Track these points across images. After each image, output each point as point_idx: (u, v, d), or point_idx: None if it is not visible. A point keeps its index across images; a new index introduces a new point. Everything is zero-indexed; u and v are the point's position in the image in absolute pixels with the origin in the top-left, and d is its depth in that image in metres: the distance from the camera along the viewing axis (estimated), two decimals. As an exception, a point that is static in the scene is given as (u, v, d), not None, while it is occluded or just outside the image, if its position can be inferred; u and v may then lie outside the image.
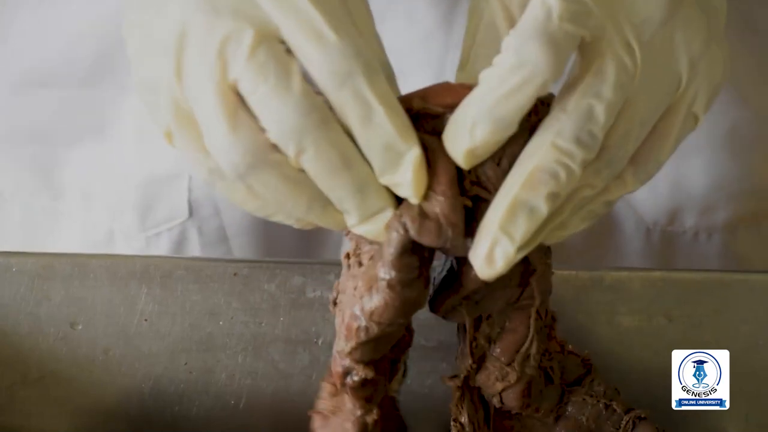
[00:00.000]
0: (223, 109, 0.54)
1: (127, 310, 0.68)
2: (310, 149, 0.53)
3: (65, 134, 0.80)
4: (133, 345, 0.69)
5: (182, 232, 0.79)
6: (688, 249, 0.79)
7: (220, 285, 0.68)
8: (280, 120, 0.53)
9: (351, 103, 0.53)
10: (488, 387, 0.62)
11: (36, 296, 0.68)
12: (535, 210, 0.53)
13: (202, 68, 0.54)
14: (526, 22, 0.53)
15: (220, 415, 0.70)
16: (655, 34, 0.55)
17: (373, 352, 0.57)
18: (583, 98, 0.54)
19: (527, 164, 0.54)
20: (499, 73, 0.53)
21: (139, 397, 0.69)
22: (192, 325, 0.69)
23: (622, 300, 0.68)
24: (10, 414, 0.69)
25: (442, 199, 0.54)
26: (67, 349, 0.68)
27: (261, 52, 0.53)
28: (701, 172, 0.77)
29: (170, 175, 0.78)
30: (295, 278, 0.68)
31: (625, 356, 0.69)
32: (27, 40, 0.78)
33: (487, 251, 0.54)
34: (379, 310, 0.56)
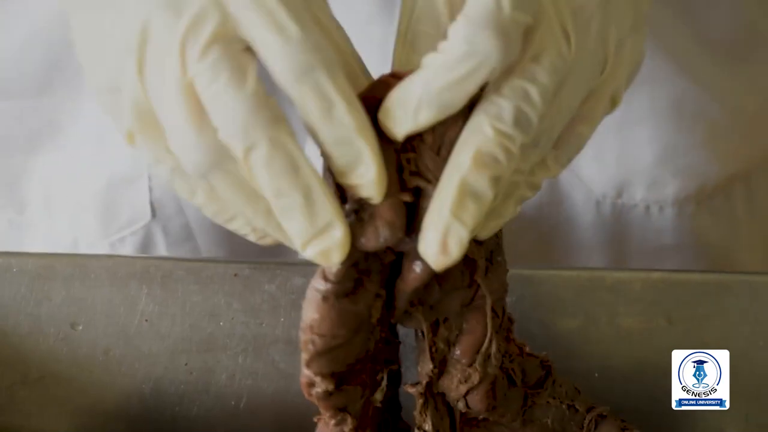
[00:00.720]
0: (186, 108, 0.53)
1: (127, 310, 0.68)
2: (258, 148, 0.53)
3: (22, 145, 0.80)
4: (133, 345, 0.69)
5: (147, 234, 0.79)
6: (641, 222, 0.79)
7: (221, 286, 0.68)
8: (229, 117, 0.53)
9: (311, 98, 0.53)
10: (452, 391, 0.61)
11: (36, 296, 0.68)
12: (481, 194, 0.53)
13: (164, 67, 0.54)
14: (476, 11, 0.53)
15: (221, 416, 0.70)
16: (590, 19, 0.55)
17: (332, 365, 0.57)
18: (520, 81, 0.54)
19: (468, 148, 0.54)
20: (447, 60, 0.53)
21: (140, 398, 0.70)
22: (192, 326, 0.69)
23: (622, 301, 0.68)
24: (10, 414, 0.70)
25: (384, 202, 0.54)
26: (67, 350, 0.69)
27: (215, 49, 0.52)
28: (646, 145, 0.77)
29: (130, 178, 0.78)
30: (296, 279, 0.68)
31: (626, 357, 0.69)
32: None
33: (441, 239, 0.54)
34: (316, 323, 0.56)
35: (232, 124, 0.52)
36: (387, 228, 0.54)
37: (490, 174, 0.53)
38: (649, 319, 0.68)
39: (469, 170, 0.53)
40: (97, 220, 0.78)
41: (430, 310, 0.59)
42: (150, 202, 0.78)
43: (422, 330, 0.60)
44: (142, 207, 0.78)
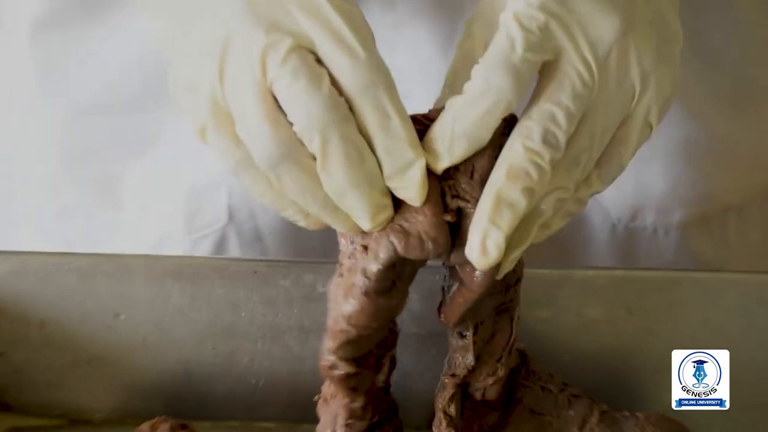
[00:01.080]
0: (264, 107, 0.57)
1: (162, 303, 0.72)
2: (332, 141, 0.56)
3: (120, 154, 0.82)
4: (167, 333, 0.73)
5: (222, 235, 0.81)
6: (647, 243, 0.82)
7: (242, 281, 0.72)
8: (308, 114, 0.56)
9: (371, 111, 0.57)
10: (478, 382, 0.66)
11: (85, 291, 0.72)
12: (515, 203, 0.57)
13: (244, 71, 0.57)
14: (493, 52, 0.57)
15: (242, 393, 0.73)
16: (609, 50, 0.58)
17: (355, 351, 0.62)
18: (546, 105, 0.57)
19: (503, 165, 0.58)
20: (467, 99, 0.57)
21: (173, 378, 0.73)
22: (217, 316, 0.72)
23: (587, 295, 0.72)
24: (63, 391, 0.73)
25: (422, 218, 0.58)
26: (111, 337, 0.73)
27: (295, 57, 0.56)
28: (659, 178, 0.80)
29: (211, 185, 0.80)
30: (307, 275, 0.72)
31: (590, 342, 0.72)
32: (84, 73, 0.81)
33: (480, 243, 0.57)
34: (355, 315, 0.60)
35: (310, 120, 0.56)
36: (432, 243, 0.58)
37: (522, 185, 0.57)
38: (611, 310, 0.72)
39: (504, 183, 0.57)
40: (181, 221, 0.82)
41: (474, 314, 0.64)
42: (227, 207, 0.81)
43: (464, 331, 0.65)
44: (220, 211, 0.81)
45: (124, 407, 0.74)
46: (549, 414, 0.69)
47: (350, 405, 0.64)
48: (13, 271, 0.72)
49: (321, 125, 0.56)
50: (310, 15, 0.57)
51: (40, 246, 0.82)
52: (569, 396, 0.69)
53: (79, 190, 0.84)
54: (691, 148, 0.80)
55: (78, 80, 0.81)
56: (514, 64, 0.56)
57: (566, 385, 0.69)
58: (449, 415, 0.66)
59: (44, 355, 0.73)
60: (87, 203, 0.84)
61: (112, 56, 0.80)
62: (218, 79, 0.58)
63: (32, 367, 0.73)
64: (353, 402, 0.64)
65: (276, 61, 0.56)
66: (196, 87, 0.58)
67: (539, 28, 0.57)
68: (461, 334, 0.64)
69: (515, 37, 0.56)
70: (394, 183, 0.58)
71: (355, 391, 0.64)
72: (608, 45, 0.58)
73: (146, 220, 0.83)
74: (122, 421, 0.74)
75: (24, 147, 0.86)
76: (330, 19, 0.56)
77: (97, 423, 0.74)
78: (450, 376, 0.65)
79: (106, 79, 0.80)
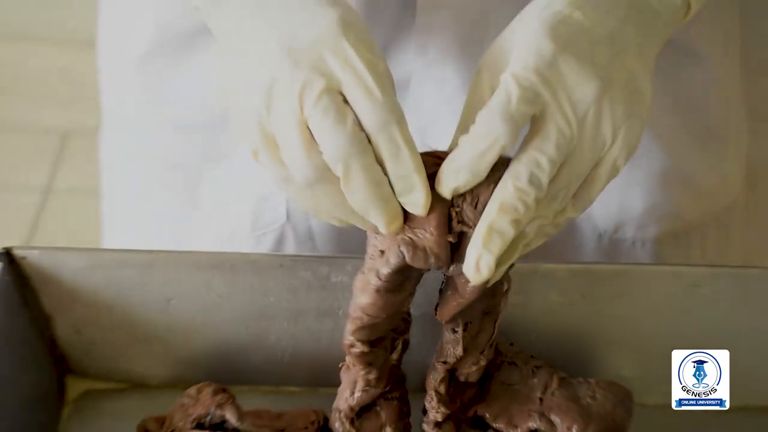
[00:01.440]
0: (300, 137, 0.61)
1: (205, 290, 0.77)
2: (353, 168, 0.61)
3: (200, 164, 0.86)
4: (210, 315, 0.77)
5: (281, 232, 0.85)
6: (627, 253, 0.86)
7: (271, 273, 0.76)
8: (334, 146, 0.61)
9: (386, 144, 0.61)
10: (464, 368, 0.71)
11: (143, 281, 0.76)
12: (504, 232, 0.62)
13: (286, 107, 0.61)
14: (494, 103, 0.62)
15: (270, 365, 0.79)
16: (588, 109, 0.62)
17: (369, 335, 0.67)
18: (533, 152, 0.62)
19: (496, 200, 0.62)
20: (473, 139, 0.62)
21: (215, 352, 0.78)
22: (251, 302, 0.77)
23: (551, 284, 0.76)
24: (126, 363, 0.79)
25: (430, 236, 0.63)
26: (164, 318, 0.77)
27: (326, 97, 0.61)
28: (639, 200, 0.84)
29: (273, 192, 0.84)
30: (323, 268, 0.76)
31: (553, 322, 0.78)
32: (177, 97, 0.85)
33: (475, 263, 0.62)
34: (368, 307, 0.66)
35: (336, 151, 0.61)
36: (434, 258, 0.64)
37: (511, 218, 0.62)
38: (570, 296, 0.77)
39: (496, 215, 0.62)
40: (248, 220, 0.85)
41: (465, 314, 0.68)
42: (286, 210, 0.84)
43: (456, 328, 0.69)
44: (280, 213, 0.84)
45: (175, 375, 0.79)
46: (517, 384, 0.73)
47: (366, 376, 0.70)
48: (87, 266, 0.76)
49: (344, 156, 0.61)
50: (340, 62, 0.61)
51: (136, 240, 0.90)
52: (533, 367, 0.73)
53: (168, 193, 0.88)
54: (664, 177, 0.83)
55: (172, 103, 0.85)
56: (511, 114, 0.61)
57: (532, 357, 0.74)
58: (439, 393, 0.71)
59: (111, 333, 0.78)
60: (173, 204, 0.88)
61: (199, 84, 0.83)
62: (266, 113, 0.62)
63: (102, 342, 0.78)
64: (368, 374, 0.70)
65: (311, 100, 0.60)
66: (248, 118, 0.62)
67: (532, 88, 0.61)
68: (453, 329, 0.69)
69: (512, 93, 0.61)
70: (403, 200, 0.63)
71: (371, 365, 0.69)
72: (587, 105, 0.62)
73: (220, 219, 0.86)
74: (174, 386, 0.78)
75: (125, 157, 0.91)
76: (356, 67, 0.61)
77: (153, 387, 0.79)
78: (442, 362, 0.70)
79: (194, 103, 0.84)
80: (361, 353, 0.68)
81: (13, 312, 0.76)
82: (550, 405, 0.72)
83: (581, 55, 0.62)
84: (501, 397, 0.73)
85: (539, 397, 0.73)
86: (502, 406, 0.73)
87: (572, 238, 0.86)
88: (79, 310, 0.78)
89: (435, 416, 0.71)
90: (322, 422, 0.74)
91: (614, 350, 0.78)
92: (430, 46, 0.78)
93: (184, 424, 0.72)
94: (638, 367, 0.79)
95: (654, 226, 0.85)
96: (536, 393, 0.73)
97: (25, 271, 0.76)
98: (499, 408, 0.73)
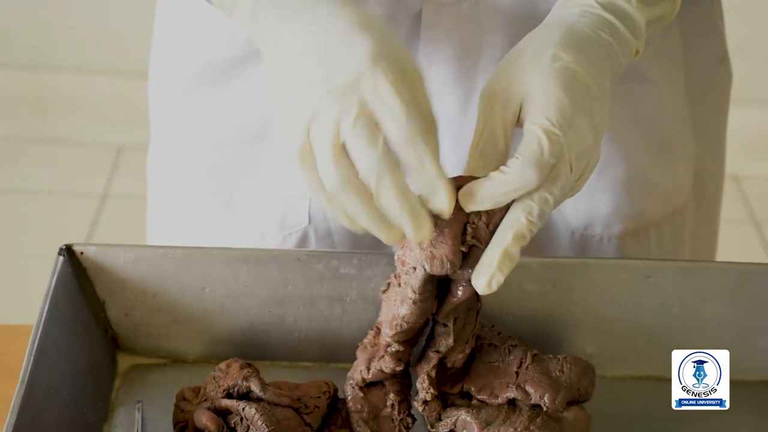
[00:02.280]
0: (334, 156, 0.64)
1: (234, 279, 0.79)
2: (384, 183, 0.63)
3: (236, 173, 0.88)
4: (238, 301, 0.80)
5: (304, 232, 0.87)
6: (596, 247, 0.88)
7: (290, 265, 0.79)
8: (368, 162, 0.63)
9: (412, 157, 0.64)
10: (452, 356, 0.74)
11: (182, 272, 0.79)
12: (513, 256, 0.66)
13: (326, 129, 0.64)
14: (528, 151, 0.65)
15: (288, 343, 0.81)
16: (587, 159, 0.67)
17: (405, 336, 0.71)
18: (545, 193, 0.66)
19: (510, 229, 0.66)
20: (505, 180, 0.65)
21: (242, 332, 0.81)
22: (273, 289, 0.80)
23: (526, 273, 0.79)
24: (167, 341, 0.81)
25: (445, 246, 0.66)
26: (199, 304, 0.80)
27: (360, 123, 0.63)
28: (606, 203, 0.87)
29: (298, 199, 0.87)
30: (334, 261, 0.79)
31: (527, 308, 0.80)
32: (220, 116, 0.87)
33: (488, 281, 0.66)
34: (407, 316, 0.69)
35: (369, 167, 0.64)
36: (449, 264, 0.67)
37: (521, 245, 0.66)
38: (542, 285, 0.80)
39: (510, 243, 0.66)
40: (276, 222, 0.87)
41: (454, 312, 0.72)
42: (308, 213, 0.86)
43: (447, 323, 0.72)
44: (303, 216, 0.87)
45: (208, 351, 0.81)
46: (496, 361, 0.76)
47: (395, 368, 0.73)
48: (135, 259, 0.79)
49: (377, 171, 0.64)
50: (371, 91, 0.64)
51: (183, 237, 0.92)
52: (509, 346, 0.76)
53: (208, 199, 0.90)
54: (627, 183, 0.87)
55: (212, 124, 0.88)
56: (542, 165, 0.65)
57: (510, 337, 0.77)
58: (431, 376, 0.74)
59: (155, 316, 0.80)
60: (214, 208, 0.90)
61: (235, 107, 0.86)
62: (306, 133, 0.65)
63: (147, 323, 0.80)
64: (397, 366, 0.73)
65: (347, 125, 0.63)
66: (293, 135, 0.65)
67: (558, 142, 0.65)
68: (444, 324, 0.73)
69: (544, 147, 0.65)
70: (430, 204, 0.65)
71: (400, 360, 0.73)
72: (586, 157, 0.67)
73: (252, 221, 0.88)
74: (207, 361, 0.81)
75: (170, 169, 0.93)
76: (384, 95, 0.63)
77: (190, 362, 0.81)
78: (435, 351, 0.73)
79: (231, 124, 0.87)
80: (396, 352, 0.71)
81: (73, 298, 0.78)
82: (525, 378, 0.74)
83: (587, 114, 0.66)
84: (483, 374, 0.75)
85: (516, 371, 0.75)
86: (485, 381, 0.75)
87: (548, 235, 0.88)
88: (128, 297, 0.80)
89: (425, 396, 0.73)
90: (332, 392, 0.76)
91: (579, 331, 0.81)
92: (433, 73, 0.81)
93: (216, 394, 0.74)
94: (599, 345, 0.81)
95: (618, 224, 0.88)
96: (513, 368, 0.75)
97: (82, 263, 0.79)
98: (482, 383, 0.75)
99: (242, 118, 0.86)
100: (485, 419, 0.73)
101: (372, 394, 0.74)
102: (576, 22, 0.69)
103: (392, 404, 0.74)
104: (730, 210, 2.13)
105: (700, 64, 0.89)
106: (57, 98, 2.19)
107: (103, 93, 2.17)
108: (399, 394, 0.74)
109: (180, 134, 0.91)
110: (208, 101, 0.88)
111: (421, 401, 0.73)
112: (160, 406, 0.77)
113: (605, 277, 0.80)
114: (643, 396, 0.80)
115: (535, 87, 0.66)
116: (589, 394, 0.75)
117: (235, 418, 0.73)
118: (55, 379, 0.73)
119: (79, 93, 2.19)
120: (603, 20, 0.69)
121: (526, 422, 0.72)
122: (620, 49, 0.70)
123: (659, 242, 0.90)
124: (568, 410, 0.74)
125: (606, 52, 0.69)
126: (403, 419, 0.74)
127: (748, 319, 0.80)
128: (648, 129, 0.86)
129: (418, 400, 0.73)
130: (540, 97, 0.65)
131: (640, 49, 0.72)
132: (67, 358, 0.75)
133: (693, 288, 0.80)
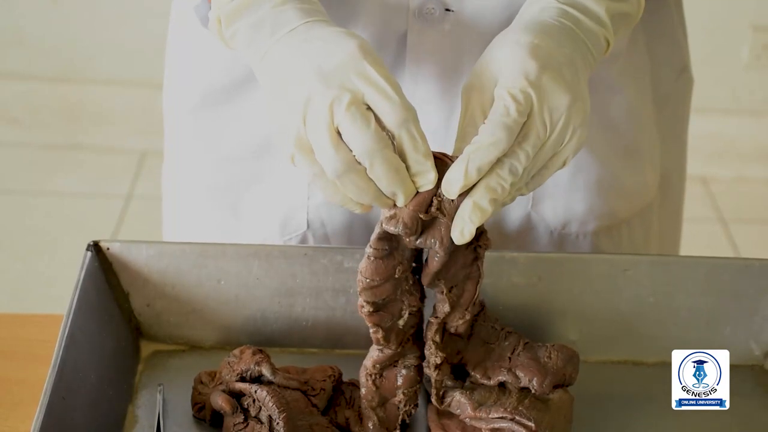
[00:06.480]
0: (331, 139, 0.63)
1: (246, 273, 0.80)
2: (377, 161, 0.63)
3: (241, 185, 0.88)
4: (250, 292, 0.80)
5: (303, 237, 0.87)
6: (573, 243, 0.88)
7: (298, 260, 0.80)
8: (362, 143, 0.63)
9: (406, 137, 0.64)
10: (453, 322, 0.73)
11: (199, 266, 0.80)
12: (484, 208, 0.65)
13: (319, 117, 0.63)
14: (495, 115, 0.64)
15: (297, 330, 0.81)
16: (560, 116, 0.65)
17: (371, 297, 0.69)
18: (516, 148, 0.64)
19: (482, 183, 0.64)
20: (481, 146, 0.64)
21: (254, 321, 0.81)
22: (282, 282, 0.80)
23: (513, 268, 0.80)
24: (185, 329, 0.81)
25: (406, 210, 0.66)
26: (215, 295, 0.80)
27: (353, 107, 0.63)
28: (581, 202, 0.87)
29: (297, 207, 0.86)
30: (338, 256, 0.80)
31: (516, 299, 0.80)
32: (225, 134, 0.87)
33: (460, 230, 0.65)
34: (364, 270, 0.68)
35: (363, 148, 0.63)
36: (402, 225, 0.66)
37: (490, 197, 0.64)
38: (528, 278, 0.80)
39: (478, 194, 0.64)
40: (277, 228, 0.87)
41: (448, 279, 0.71)
42: (307, 220, 0.86)
43: (443, 291, 0.71)
44: (301, 222, 0.86)
45: (223, 339, 0.81)
46: (493, 343, 0.76)
47: (375, 335, 0.71)
48: (156, 254, 0.79)
49: (370, 151, 0.63)
50: (362, 78, 0.64)
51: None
52: (505, 332, 0.77)
53: (217, 208, 0.90)
54: (599, 184, 0.87)
55: (219, 141, 0.88)
56: (509, 124, 0.64)
57: (505, 326, 0.77)
58: (436, 341, 0.73)
59: (174, 306, 0.80)
60: (221, 217, 0.90)
61: (239, 126, 0.86)
62: (302, 124, 0.65)
63: (167, 313, 0.80)
64: (376, 333, 0.71)
65: (341, 110, 0.63)
66: (288, 130, 0.65)
67: (525, 101, 0.64)
68: (441, 291, 0.72)
69: (510, 106, 0.64)
70: (418, 178, 0.65)
71: (378, 326, 0.71)
72: (560, 113, 0.66)
73: (256, 227, 0.88)
74: (222, 348, 0.80)
75: (182, 182, 0.93)
76: (375, 81, 0.63)
77: (206, 348, 0.81)
78: (434, 317, 0.73)
79: (236, 141, 0.87)
80: (368, 313, 0.70)
81: (100, 290, 0.79)
82: (516, 363, 0.75)
83: (556, 74, 0.65)
84: (479, 350, 0.75)
85: (509, 356, 0.75)
86: (480, 359, 0.75)
87: (530, 234, 0.88)
88: (150, 289, 0.80)
89: (435, 360, 0.72)
90: (337, 375, 0.76)
91: (563, 319, 0.81)
92: (418, 92, 0.81)
93: (230, 378, 0.75)
94: (581, 332, 0.81)
95: (593, 222, 0.88)
96: (507, 353, 0.75)
97: (108, 258, 0.79)
98: (477, 359, 0.75)
99: (245, 136, 0.86)
100: (478, 400, 0.73)
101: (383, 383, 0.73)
102: (537, 15, 0.69)
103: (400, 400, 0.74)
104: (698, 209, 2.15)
105: (664, 74, 0.89)
106: (86, 109, 2.20)
107: (128, 104, 2.18)
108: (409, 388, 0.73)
109: (189, 153, 0.91)
110: (212, 122, 0.88)
111: (432, 366, 0.72)
112: (179, 389, 0.77)
113: (586, 270, 0.80)
114: (620, 379, 0.80)
115: (503, 65, 0.65)
116: (574, 378, 0.76)
117: (248, 400, 0.73)
118: (83, 364, 0.73)
119: (107, 104, 2.20)
120: (562, 11, 0.69)
121: (515, 403, 0.72)
122: (584, 35, 0.69)
123: (630, 237, 0.90)
124: (554, 392, 0.74)
125: (568, 34, 0.68)
126: (408, 410, 0.74)
127: (716, 308, 0.81)
128: (618, 135, 0.86)
129: (428, 365, 0.73)
130: (507, 70, 0.65)
131: (610, 39, 0.71)
132: (94, 344, 0.76)
133: (666, 280, 0.80)
